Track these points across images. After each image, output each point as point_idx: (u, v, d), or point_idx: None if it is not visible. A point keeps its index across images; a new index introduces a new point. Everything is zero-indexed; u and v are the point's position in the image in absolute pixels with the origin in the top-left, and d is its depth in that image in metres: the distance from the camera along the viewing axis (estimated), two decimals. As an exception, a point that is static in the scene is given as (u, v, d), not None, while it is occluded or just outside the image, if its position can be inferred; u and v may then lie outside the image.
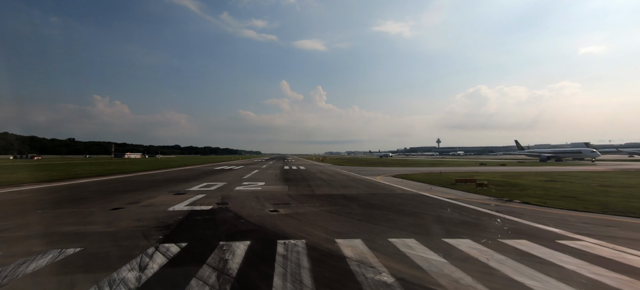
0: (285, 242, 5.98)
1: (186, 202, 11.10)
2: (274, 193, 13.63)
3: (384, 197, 12.27)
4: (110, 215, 8.80)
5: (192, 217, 8.58)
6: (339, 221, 7.96)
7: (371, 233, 6.53)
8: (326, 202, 10.96)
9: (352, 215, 8.64)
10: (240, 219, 8.25)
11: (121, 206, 10.29)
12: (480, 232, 6.43)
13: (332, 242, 5.97)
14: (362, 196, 12.64)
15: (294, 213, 9.05)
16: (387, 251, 5.27)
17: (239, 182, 18.73)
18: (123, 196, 12.73)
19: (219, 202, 11.05)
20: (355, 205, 10.36)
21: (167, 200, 11.69)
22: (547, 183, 17.37)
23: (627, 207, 9.39)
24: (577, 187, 15.16)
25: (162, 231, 6.98)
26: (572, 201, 10.59)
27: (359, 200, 11.63)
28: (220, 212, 9.25)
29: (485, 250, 5.06)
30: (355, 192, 14.08)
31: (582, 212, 8.89)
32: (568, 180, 19.13)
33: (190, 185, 17.11)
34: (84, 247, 5.78)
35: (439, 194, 13.24)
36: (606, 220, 7.76)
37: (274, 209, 9.77)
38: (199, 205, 10.48)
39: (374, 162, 58.25)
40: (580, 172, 26.21)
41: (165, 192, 14.16)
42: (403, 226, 7.23)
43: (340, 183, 18.32)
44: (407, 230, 6.71)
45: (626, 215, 8.44)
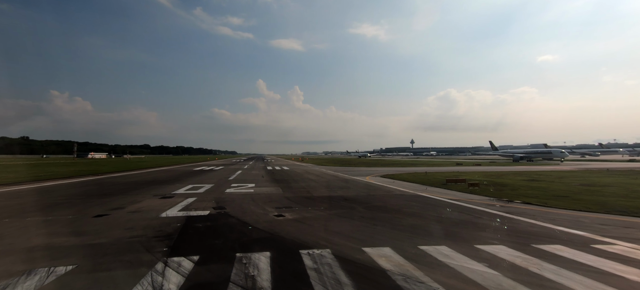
0: (310, 253, 5.47)
1: (178, 207, 10.19)
2: (270, 196, 12.97)
3: (386, 199, 12.05)
4: (96, 224, 7.79)
5: (191, 224, 7.80)
6: (353, 226, 7.56)
7: (396, 239, 6.19)
8: (329, 205, 10.53)
9: (364, 219, 8.28)
10: (247, 226, 7.60)
11: (105, 212, 9.21)
12: (508, 236, 6.26)
13: (359, 251, 5.55)
14: (363, 198, 12.35)
15: (302, 218, 8.52)
16: (425, 261, 4.94)
17: (227, 184, 17.78)
18: (102, 201, 11.51)
19: (215, 207, 10.25)
20: (361, 208, 10.01)
21: (156, 204, 10.69)
22: (531, 183, 18.08)
23: (625, 207, 9.82)
24: (561, 187, 15.88)
25: (163, 242, 6.20)
26: (569, 201, 10.96)
27: (362, 202, 11.31)
28: (221, 218, 8.52)
29: (528, 257, 4.86)
30: (354, 193, 13.76)
31: (587, 212, 9.08)
32: (548, 179, 20.08)
33: (175, 187, 15.96)
34: (77, 264, 4.92)
35: (438, 194, 13.27)
36: (618, 221, 7.92)
37: (278, 213, 9.18)
38: (193, 210, 9.64)
39: (355, 162, 58.57)
40: (554, 172, 27.79)
41: (149, 195, 13.02)
42: (424, 231, 6.97)
43: (334, 184, 17.95)
44: (433, 236, 6.43)
45: (629, 214, 8.73)
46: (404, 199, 11.94)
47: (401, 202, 11.17)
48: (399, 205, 10.62)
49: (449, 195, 12.90)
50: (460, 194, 13.35)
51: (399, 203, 11.04)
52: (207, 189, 15.42)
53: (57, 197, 12.49)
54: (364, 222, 7.95)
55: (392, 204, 10.92)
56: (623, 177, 21.92)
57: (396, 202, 11.20)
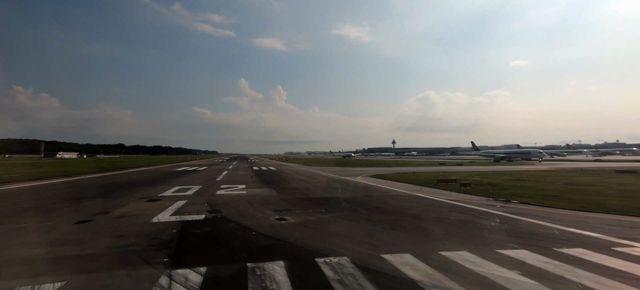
0: (328, 261, 5.10)
1: (169, 210, 9.49)
2: (265, 198, 12.44)
3: (386, 200, 11.86)
4: (79, 231, 7.03)
5: (188, 230, 7.20)
6: (363, 230, 7.25)
7: (414, 245, 5.92)
8: (329, 207, 10.18)
9: (371, 222, 7.99)
10: (250, 231, 7.11)
11: (88, 218, 8.39)
12: (526, 240, 6.06)
13: (379, 258, 5.23)
14: (362, 199, 12.10)
15: (305, 221, 8.12)
16: (453, 269, 4.68)
17: (216, 186, 17.02)
18: (82, 205, 10.57)
19: (209, 210, 9.64)
20: (364, 210, 9.74)
21: (143, 208, 9.92)
22: (518, 182, 18.56)
23: (620, 206, 10.12)
24: (547, 186, 16.37)
25: (162, 251, 5.62)
26: (563, 201, 11.20)
27: (362, 203, 11.05)
28: (219, 223, 7.96)
29: (558, 264, 4.66)
30: (351, 194, 13.49)
31: (587, 212, 9.15)
32: (531, 179, 20.75)
33: (160, 189, 15.05)
34: (67, 280, 4.29)
35: (434, 194, 13.24)
36: (622, 221, 7.97)
37: (279, 216, 8.72)
38: (187, 214, 8.99)
39: (340, 162, 58.58)
40: (535, 171, 28.89)
41: (134, 198, 12.14)
42: (438, 234, 6.76)
43: (327, 185, 17.62)
44: (451, 240, 6.18)
45: (628, 214, 8.88)
46: (403, 200, 11.80)
47: (402, 204, 11.01)
48: (400, 206, 10.44)
49: (446, 196, 12.90)
50: (455, 194, 13.40)
51: (399, 204, 10.87)
52: (195, 190, 14.64)
53: (27, 201, 11.36)
54: (372, 226, 7.67)
55: (393, 205, 10.73)
56: (598, 176, 23.05)
57: (397, 203, 11.03)
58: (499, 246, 5.61)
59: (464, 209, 9.72)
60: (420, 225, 7.70)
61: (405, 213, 9.19)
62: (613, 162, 56.41)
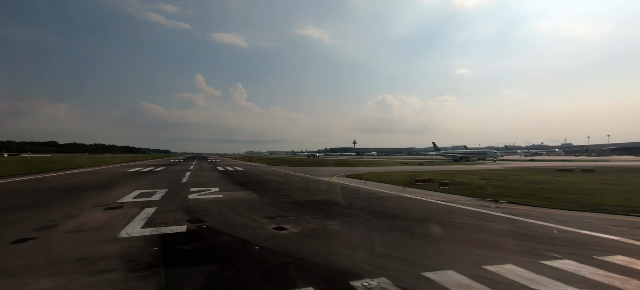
0: (367, 285, 4.28)
1: (139, 221, 7.89)
2: (248, 202, 11.19)
3: (380, 202, 11.35)
4: (21, 254, 5.32)
5: (173, 247, 5.87)
6: (383, 240, 6.53)
7: (448, 257, 5.30)
8: (326, 212, 9.35)
9: (383, 230, 7.30)
10: (251, 245, 6.00)
11: (29, 235, 6.53)
12: (557, 247, 5.58)
13: (421, 277, 4.52)
14: (354, 201, 11.44)
15: (309, 230, 7.20)
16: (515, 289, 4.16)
17: (184, 189, 15.19)
18: (17, 217, 8.42)
19: (189, 219, 8.22)
20: (366, 215, 9.07)
21: (103, 219, 8.16)
22: (488, 181, 19.42)
23: (595, 204, 10.76)
24: (515, 184, 17.30)
25: (149, 280, 4.33)
26: (542, 199, 11.59)
27: (359, 207, 10.40)
28: (208, 236, 6.69)
29: (625, 279, 4.27)
30: (340, 197, 12.77)
31: (580, 212, 9.17)
32: (497, 177, 21.99)
33: (117, 194, 12.90)
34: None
35: (421, 195, 13.06)
36: (620, 221, 8.02)
37: (276, 225, 7.68)
38: (163, 225, 7.52)
39: (307, 162, 57.80)
40: (495, 170, 30.97)
41: (87, 206, 10.11)
42: (466, 244, 6.23)
43: (308, 186, 16.72)
44: (485, 250, 5.57)
45: (612, 212, 9.35)
46: (397, 202, 11.40)
47: (399, 206, 10.57)
48: (399, 209, 9.98)
49: (433, 197, 12.82)
50: (440, 195, 13.41)
51: (397, 207, 10.42)
52: (162, 195, 12.79)
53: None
54: (388, 234, 7.00)
55: (391, 207, 10.25)
56: (549, 175, 25.30)
57: (394, 206, 10.57)
58: (538, 256, 5.24)
59: (464, 212, 9.53)
60: (436, 231, 7.21)
61: (410, 217, 8.68)
62: (546, 161, 63.41)
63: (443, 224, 7.89)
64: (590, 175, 24.98)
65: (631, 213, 8.99)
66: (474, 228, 7.36)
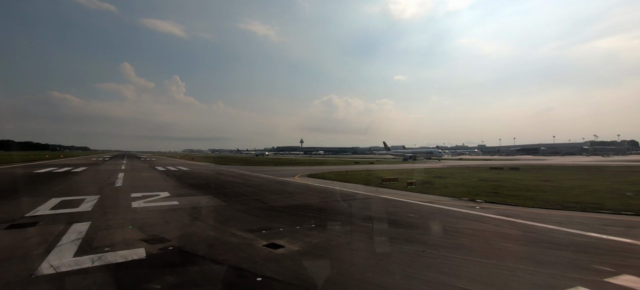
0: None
1: (68, 246, 5.60)
2: (215, 210, 9.27)
3: (365, 206, 10.47)
4: None
5: (137, 286, 4.04)
6: (410, 259, 5.48)
7: (509, 281, 4.47)
8: (318, 220, 8.08)
9: (396, 242, 6.30)
10: (252, 276, 4.46)
11: None
12: (600, 257, 5.16)
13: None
14: (339, 206, 10.38)
15: (314, 247, 5.85)
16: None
17: (121, 194, 12.35)
18: None
19: (146, 238, 6.18)
20: (360, 222, 8.05)
21: (9, 244, 5.66)
22: (445, 179, 20.20)
23: (561, 201, 11.47)
24: (471, 182, 18.20)
25: None
26: (511, 198, 11.89)
27: (344, 212, 9.35)
28: (182, 263, 4.91)
29: None
30: (317, 200, 11.55)
31: (559, 210, 9.45)
32: (449, 175, 23.20)
33: (27, 205, 9.72)
34: None
35: (397, 195, 12.56)
36: (604, 220, 8.17)
37: (267, 242, 6.16)
38: (107, 249, 5.42)
39: (258, 161, 55.13)
40: (443, 168, 32.99)
41: (-21, 225, 7.13)
42: (507, 257, 5.47)
43: (274, 189, 15.14)
44: (536, 266, 4.84)
45: (588, 210, 9.53)
46: (382, 205, 10.66)
47: (390, 209, 9.81)
48: (391, 213, 9.19)
49: (410, 197, 12.46)
50: (416, 194, 13.15)
51: (387, 211, 9.63)
52: (94, 203, 10.01)
53: None
54: (405, 248, 6.03)
55: (382, 212, 9.42)
56: (489, 173, 27.78)
57: (383, 209, 9.78)
58: (589, 270, 4.65)
59: (458, 214, 9.07)
60: (455, 242, 6.44)
61: (412, 224, 7.81)
62: (474, 160, 71.10)
63: (452, 230, 7.27)
64: (520, 173, 28.14)
65: (600, 210, 9.60)
66: (489, 235, 6.83)
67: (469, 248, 5.79)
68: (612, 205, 10.21)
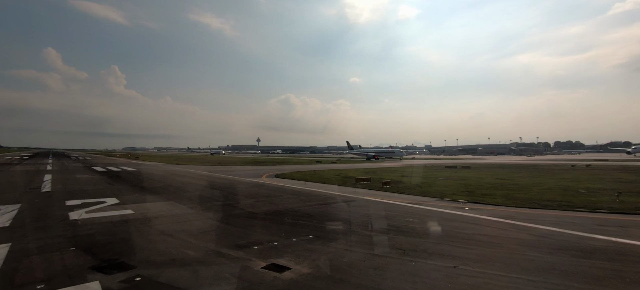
0: None
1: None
2: (183, 220, 7.66)
3: (357, 211, 9.68)
4: None
5: None
6: (447, 275, 4.75)
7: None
8: (314, 231, 7.02)
9: (420, 256, 5.43)
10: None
11: None
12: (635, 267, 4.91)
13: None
14: (328, 212, 9.42)
15: (330, 269, 4.82)
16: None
17: (53, 202, 9.91)
18: None
19: (96, 265, 4.55)
20: (363, 230, 7.22)
21: None
22: (409, 178, 20.42)
23: (538, 200, 11.91)
24: (440, 181, 18.57)
25: None
26: (486, 197, 12.10)
27: (342, 220, 8.45)
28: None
29: None
30: (301, 205, 10.44)
31: (534, 209, 9.69)
32: (416, 174, 23.72)
33: None
34: None
35: (379, 197, 12.02)
36: (595, 219, 8.39)
37: (265, 262, 4.97)
38: (39, 286, 3.78)
39: (215, 160, 51.61)
40: (407, 167, 33.90)
41: None
42: (551, 273, 5.10)
43: (244, 191, 13.63)
44: (585, 284, 4.29)
45: (574, 209, 9.79)
46: (373, 209, 9.99)
47: (388, 214, 9.15)
48: (389, 218, 8.54)
49: (397, 198, 12.00)
50: (398, 195, 12.75)
51: (385, 216, 8.97)
52: (11, 216, 7.68)
53: None
54: (434, 264, 5.31)
55: (381, 217, 8.72)
56: (448, 171, 29.21)
57: (379, 214, 9.09)
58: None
59: (456, 218, 8.59)
60: (478, 253, 5.76)
61: (418, 231, 7.11)
62: (427, 159, 75.36)
63: (464, 237, 6.65)
64: (475, 171, 30.05)
65: (575, 209, 9.99)
66: (506, 241, 6.31)
67: (500, 261, 5.20)
68: (580, 203, 10.76)
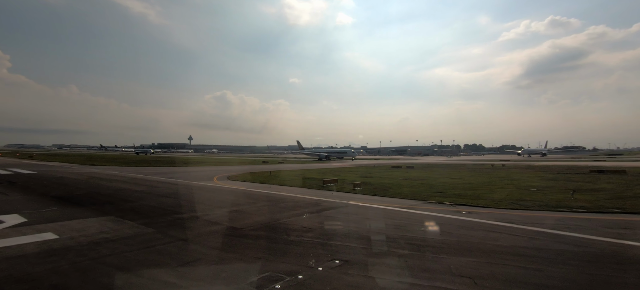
0: None
1: None
2: (142, 244, 5.43)
3: (364, 220, 8.49)
4: None
5: None
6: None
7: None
8: (331, 251, 5.61)
9: (465, 285, 4.61)
10: None
11: None
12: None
13: None
14: (330, 224, 8.02)
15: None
16: None
17: None
18: None
19: None
20: (383, 246, 6.07)
21: None
22: (368, 178, 20.16)
23: (521, 200, 12.28)
24: (396, 181, 18.53)
25: None
26: (459, 198, 12.09)
27: (361, 236, 7.18)
28: None
29: None
30: (287, 214, 8.81)
31: (517, 210, 9.87)
32: (372, 174, 23.69)
33: None
34: None
35: (360, 200, 11.14)
36: (581, 219, 8.97)
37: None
38: None
39: (142, 161, 44.83)
40: (361, 167, 33.97)
41: None
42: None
43: (209, 199, 11.31)
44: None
45: (540, 208, 10.25)
46: (370, 216, 8.95)
47: (390, 222, 8.15)
48: (395, 227, 7.55)
49: (378, 202, 11.18)
50: (378, 198, 11.95)
51: (388, 223, 7.96)
52: None
53: None
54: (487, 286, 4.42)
55: (386, 226, 7.67)
56: (400, 171, 30.22)
57: (383, 222, 8.04)
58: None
59: (465, 224, 8.14)
60: (500, 269, 5.21)
61: (442, 244, 6.36)
62: (373, 159, 78.18)
63: (495, 251, 6.06)
64: (423, 171, 31.56)
65: (559, 209, 10.43)
66: (536, 251, 5.91)
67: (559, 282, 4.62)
68: (554, 203, 11.03)
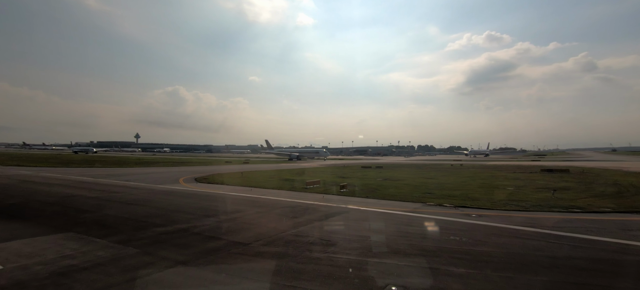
0: None
1: None
2: (140, 281, 3.92)
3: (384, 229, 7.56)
4: None
5: None
6: None
7: None
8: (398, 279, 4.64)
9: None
10: None
11: None
12: None
13: None
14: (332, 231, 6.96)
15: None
16: None
17: None
18: None
19: None
20: (431, 264, 5.22)
21: None
22: (346, 178, 19.49)
23: (508, 200, 12.27)
24: (374, 182, 18.10)
25: None
26: (446, 199, 12.08)
27: (405, 252, 6.22)
28: None
29: None
30: (289, 224, 7.57)
31: (516, 211, 9.84)
32: (347, 175, 23.14)
33: None
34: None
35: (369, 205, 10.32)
36: (587, 220, 9.12)
37: None
38: None
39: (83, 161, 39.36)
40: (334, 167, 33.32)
41: None
42: None
43: (188, 206, 9.61)
44: None
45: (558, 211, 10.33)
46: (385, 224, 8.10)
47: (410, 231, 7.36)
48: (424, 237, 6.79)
49: (380, 206, 10.48)
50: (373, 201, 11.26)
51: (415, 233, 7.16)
52: None
53: None
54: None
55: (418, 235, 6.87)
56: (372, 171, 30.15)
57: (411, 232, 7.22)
58: None
59: (495, 231, 7.74)
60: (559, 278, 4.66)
61: (486, 256, 5.72)
62: (341, 159, 78.01)
63: (551, 265, 5.56)
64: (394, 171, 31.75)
65: (555, 210, 10.55)
66: (596, 264, 5.52)
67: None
68: (542, 201, 11.39)
